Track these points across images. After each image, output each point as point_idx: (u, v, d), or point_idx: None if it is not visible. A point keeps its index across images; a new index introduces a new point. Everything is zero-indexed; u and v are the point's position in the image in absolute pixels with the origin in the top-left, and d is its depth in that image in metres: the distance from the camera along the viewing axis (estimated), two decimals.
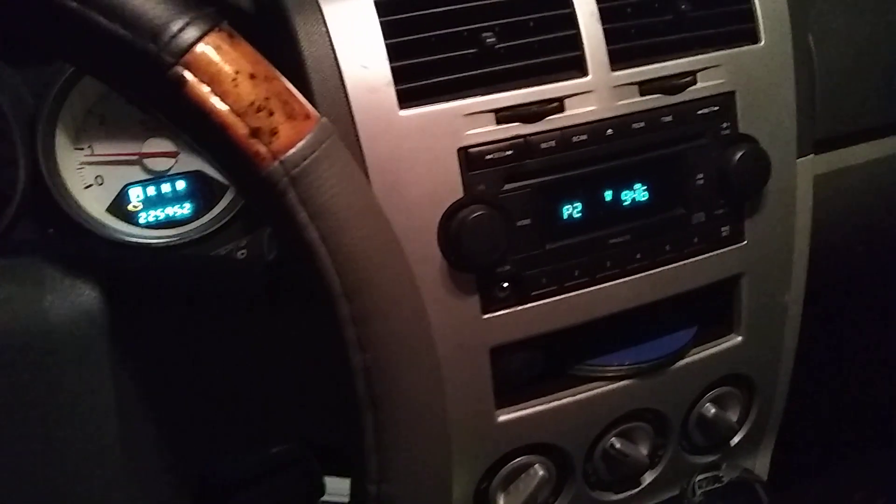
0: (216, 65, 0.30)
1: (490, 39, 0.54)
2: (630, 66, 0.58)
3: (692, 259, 0.62)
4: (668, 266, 0.61)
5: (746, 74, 0.61)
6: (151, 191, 0.60)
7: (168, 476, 0.38)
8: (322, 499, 0.45)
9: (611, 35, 0.57)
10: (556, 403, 0.62)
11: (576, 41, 0.56)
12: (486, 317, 0.57)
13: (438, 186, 0.53)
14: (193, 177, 0.61)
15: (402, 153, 0.52)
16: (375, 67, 0.52)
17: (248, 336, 0.37)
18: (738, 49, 0.61)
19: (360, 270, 0.32)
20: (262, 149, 0.31)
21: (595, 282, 0.59)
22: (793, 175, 0.65)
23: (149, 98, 0.32)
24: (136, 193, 0.60)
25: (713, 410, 0.68)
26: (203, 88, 0.30)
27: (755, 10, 0.62)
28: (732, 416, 0.70)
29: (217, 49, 0.31)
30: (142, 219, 0.60)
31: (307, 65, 0.51)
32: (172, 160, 0.60)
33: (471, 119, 0.54)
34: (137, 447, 0.36)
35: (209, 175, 0.60)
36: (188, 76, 0.30)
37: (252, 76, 0.31)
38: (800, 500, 1.08)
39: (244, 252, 0.55)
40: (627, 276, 0.60)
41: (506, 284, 0.57)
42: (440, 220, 0.54)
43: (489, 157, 0.54)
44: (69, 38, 0.30)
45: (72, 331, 0.34)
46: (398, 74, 0.52)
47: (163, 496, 0.37)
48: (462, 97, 0.54)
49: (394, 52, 0.52)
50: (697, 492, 0.62)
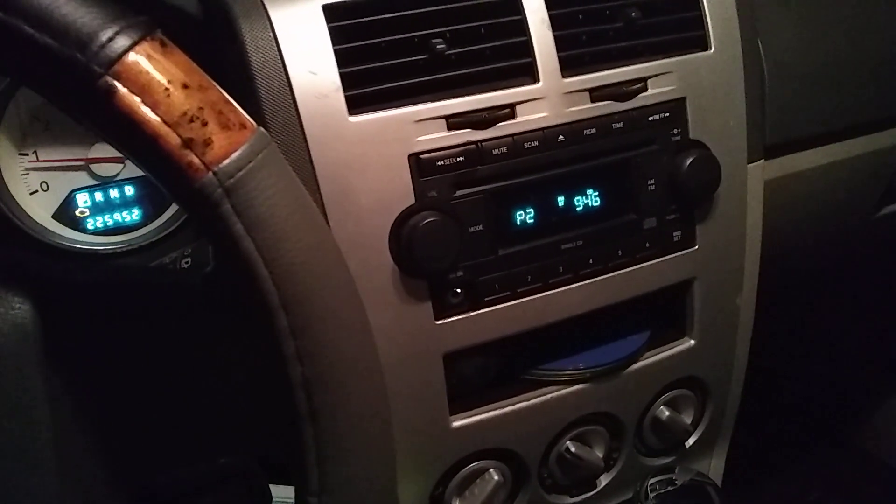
0: (147, 74, 0.30)
1: (440, 46, 0.53)
2: (581, 73, 0.58)
3: (644, 264, 0.63)
4: (621, 271, 0.62)
5: (697, 81, 0.62)
6: (99, 196, 0.59)
7: (107, 488, 0.37)
8: None
9: (561, 42, 0.57)
10: (511, 408, 0.62)
11: (526, 48, 0.56)
12: (439, 323, 0.56)
13: (389, 193, 0.53)
14: (142, 182, 0.60)
15: (353, 160, 0.52)
16: (324, 73, 0.51)
17: (187, 348, 0.36)
18: (689, 56, 0.62)
19: (298, 282, 0.32)
20: (195, 160, 0.30)
21: (548, 287, 0.59)
22: (743, 180, 0.66)
23: (79, 109, 0.31)
24: (83, 199, 0.59)
25: (667, 413, 0.69)
26: (133, 99, 0.30)
27: (705, 18, 0.62)
28: (686, 419, 0.70)
29: (148, 58, 0.30)
30: (89, 224, 0.59)
31: (254, 70, 0.50)
32: (120, 165, 0.59)
33: (421, 125, 0.54)
34: (73, 460, 0.36)
35: None
36: (118, 86, 0.29)
37: (185, 86, 0.31)
38: (754, 502, 1.10)
39: (188, 260, 0.54)
40: (580, 282, 0.60)
41: (458, 290, 0.57)
42: (392, 227, 0.54)
43: (440, 164, 0.54)
44: None
45: (3, 344, 0.33)
46: (347, 80, 0.52)
47: None
48: (412, 103, 0.54)
49: (343, 58, 0.52)
50: (650, 495, 0.63)
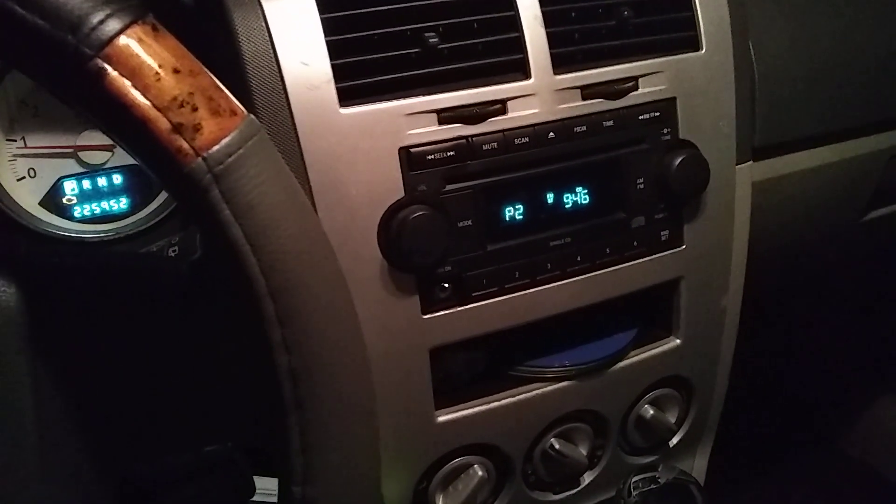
0: (137, 58, 0.30)
1: (433, 39, 0.53)
2: (572, 71, 0.58)
3: (632, 262, 0.63)
4: (608, 269, 0.62)
5: (687, 81, 0.62)
6: (87, 184, 0.59)
7: (89, 474, 0.37)
8: (252, 499, 0.45)
9: (554, 39, 0.57)
10: (496, 404, 0.62)
11: (519, 44, 0.56)
12: (426, 317, 0.56)
13: (379, 186, 0.53)
14: (131, 171, 0.60)
15: (343, 152, 0.52)
16: (316, 65, 0.51)
17: (173, 335, 0.36)
18: (680, 56, 0.62)
19: (286, 270, 0.32)
20: (185, 145, 0.30)
21: (535, 283, 0.59)
22: (731, 181, 0.66)
23: (69, 92, 0.31)
24: (71, 187, 0.59)
25: (652, 412, 0.69)
26: (123, 82, 0.29)
27: (697, 18, 0.63)
28: (671, 418, 0.71)
29: (139, 42, 0.30)
30: (76, 213, 0.59)
31: (245, 60, 0.50)
32: (109, 153, 0.59)
33: (412, 119, 0.54)
34: (57, 445, 0.35)
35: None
36: (108, 69, 0.29)
37: (176, 70, 0.31)
38: (737, 502, 1.10)
39: (176, 249, 0.54)
40: (568, 279, 0.61)
41: (446, 285, 0.57)
42: (381, 220, 0.54)
43: (430, 158, 0.54)
44: None
45: None
46: (339, 72, 0.52)
47: (82, 495, 0.36)
48: (404, 97, 0.54)
49: (335, 50, 0.52)
50: (633, 492, 0.63)
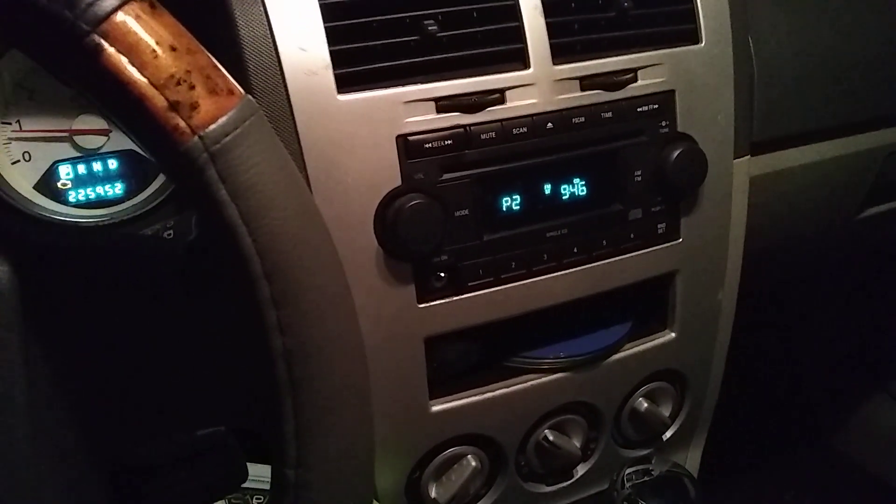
0: (135, 35, 0.30)
1: (432, 27, 0.53)
2: (572, 61, 0.58)
3: (628, 255, 0.63)
4: (605, 261, 0.62)
5: (686, 74, 0.62)
6: (82, 169, 0.59)
7: (81, 456, 0.37)
8: (244, 484, 0.44)
9: (553, 29, 0.57)
10: (490, 395, 0.62)
11: (518, 33, 0.56)
12: (422, 306, 0.56)
13: (376, 174, 0.53)
14: (126, 156, 0.59)
15: (340, 138, 0.52)
16: (314, 50, 0.51)
17: (166, 317, 0.36)
18: (679, 49, 0.62)
19: (283, 251, 0.31)
20: (181, 123, 0.30)
21: (531, 274, 0.59)
22: (729, 175, 0.66)
23: (65, 68, 0.31)
24: (66, 171, 0.58)
25: (646, 405, 0.69)
26: (120, 58, 0.29)
27: (697, 11, 0.63)
28: (665, 412, 0.71)
29: (137, 19, 0.30)
30: (71, 197, 0.59)
31: (244, 44, 0.50)
32: (104, 138, 0.58)
33: (410, 107, 0.53)
34: (48, 427, 0.35)
35: (142, 155, 0.58)
36: (105, 45, 0.29)
37: (173, 48, 0.31)
38: (729, 497, 1.10)
39: (171, 233, 0.54)
40: (564, 270, 0.60)
41: (442, 274, 0.57)
42: (377, 208, 0.53)
43: (428, 146, 0.54)
44: None
45: None
46: (337, 58, 0.51)
47: (74, 476, 0.36)
48: (402, 84, 0.53)
49: (333, 36, 0.51)
50: (626, 484, 0.63)
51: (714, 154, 0.63)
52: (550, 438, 0.65)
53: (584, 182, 0.60)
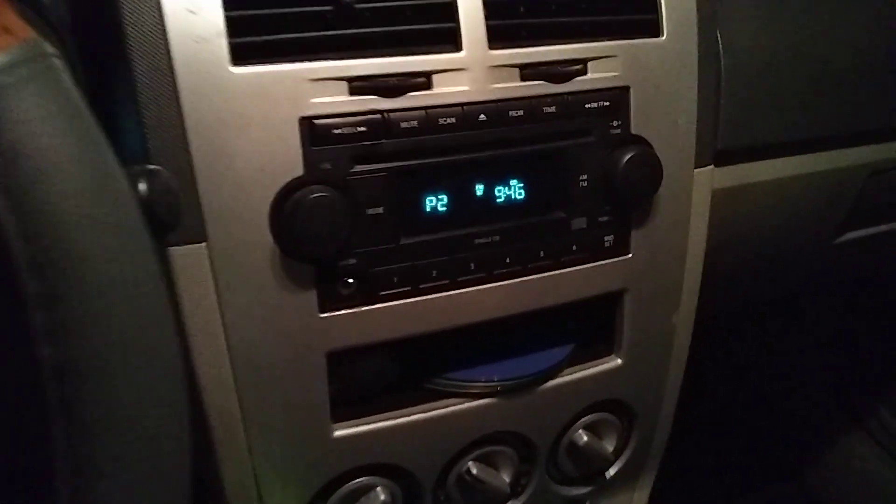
0: None
1: None
2: (511, 46, 0.51)
3: (569, 269, 0.56)
4: (542, 274, 0.55)
5: (644, 70, 0.55)
6: None
7: None
8: None
9: (492, 9, 0.50)
10: (405, 420, 0.55)
11: (451, 11, 0.49)
12: (324, 316, 0.49)
13: (274, 160, 0.46)
14: None
15: (233, 117, 0.45)
16: (206, 13, 0.44)
17: None
18: (637, 41, 0.55)
19: (57, 237, 0.24)
20: None
21: (456, 285, 0.52)
22: (688, 186, 0.59)
23: None
24: None
25: (586, 438, 0.62)
26: None
27: (659, 1, 0.56)
28: (608, 446, 0.64)
29: None
30: None
31: (121, 2, 0.43)
32: None
33: (318, 85, 0.46)
34: None
35: None
36: None
37: None
38: None
39: None
40: (494, 282, 0.53)
41: (350, 281, 0.50)
42: (273, 200, 0.46)
43: (337, 132, 0.47)
44: None
45: None
46: (233, 25, 0.44)
47: None
48: (309, 59, 0.46)
49: None
50: None
51: (671, 161, 0.57)
52: (474, 472, 0.57)
53: (522, 184, 0.53)
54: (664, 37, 0.56)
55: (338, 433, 0.53)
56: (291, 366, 0.50)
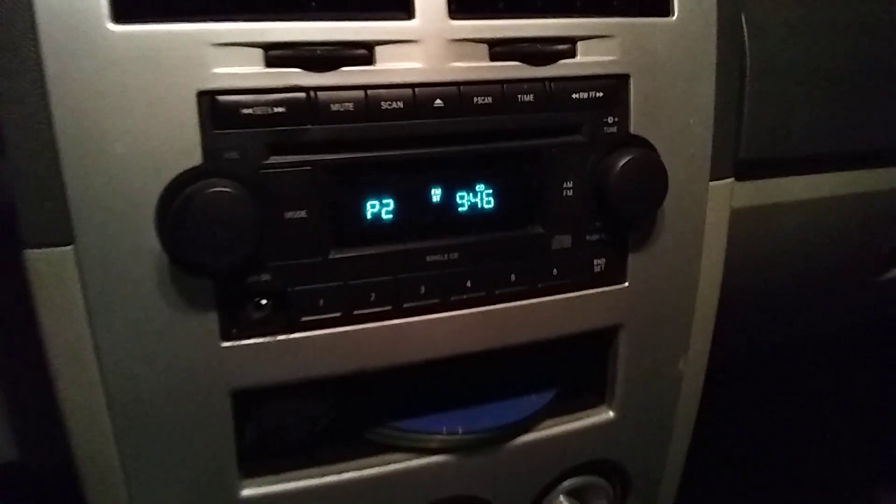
0: None
1: None
2: (479, 17, 0.41)
3: (548, 297, 0.46)
4: (513, 303, 0.45)
5: (648, 55, 0.45)
6: None
7: None
8: None
9: None
10: (337, 479, 0.45)
11: None
12: (228, 345, 0.39)
13: (164, 144, 0.37)
14: None
15: (111, 88, 0.36)
16: None
17: None
18: (641, 20, 0.45)
19: None
20: None
21: (401, 313, 0.42)
22: (701, 202, 0.49)
23: None
24: None
25: None
26: None
27: None
28: None
29: None
30: None
31: None
32: None
33: (225, 52, 0.37)
34: None
35: None
36: None
37: None
38: None
39: None
40: (450, 311, 0.44)
41: (263, 302, 0.40)
42: (161, 195, 0.36)
43: (248, 112, 0.37)
44: None
45: None
46: None
47: None
48: (214, 19, 0.37)
49: None
50: None
51: (680, 170, 0.46)
52: None
53: (490, 190, 0.43)
54: (675, 16, 0.46)
55: (247, 492, 0.42)
56: (186, 407, 0.40)
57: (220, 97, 0.37)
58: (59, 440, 0.40)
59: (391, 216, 0.42)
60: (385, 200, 0.41)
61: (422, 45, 0.40)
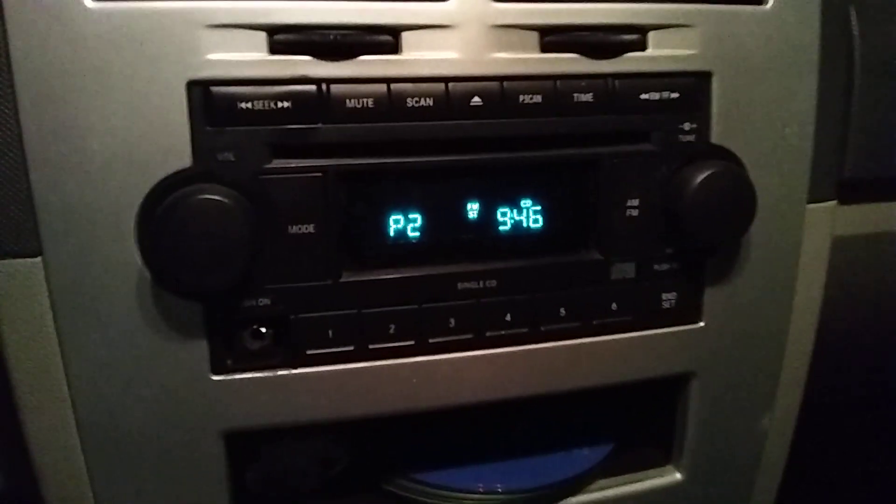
0: None
1: None
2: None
3: (605, 337, 0.38)
4: (561, 343, 0.38)
5: (736, 49, 0.38)
6: None
7: None
8: None
9: None
10: None
11: None
12: (220, 379, 0.34)
13: (147, 142, 0.32)
14: None
15: (87, 75, 0.32)
16: None
17: None
18: (728, 7, 0.38)
19: None
20: None
21: (426, 349, 0.36)
22: (797, 227, 0.41)
23: None
24: None
25: None
26: None
27: None
28: None
29: None
30: None
31: None
32: None
33: (220, 35, 0.32)
34: None
35: None
36: None
37: None
38: None
39: None
40: (485, 349, 0.37)
41: (263, 330, 0.34)
42: (144, 201, 0.31)
43: (246, 107, 0.32)
44: None
45: None
46: None
47: None
48: None
49: None
50: None
51: (772, 189, 0.39)
52: None
53: (537, 207, 0.36)
54: (769, 4, 0.38)
55: None
56: (171, 448, 0.35)
57: (215, 88, 0.32)
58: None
59: (417, 234, 0.35)
60: (411, 216, 0.35)
61: (458, 32, 0.34)
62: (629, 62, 0.36)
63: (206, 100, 0.32)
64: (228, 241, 0.31)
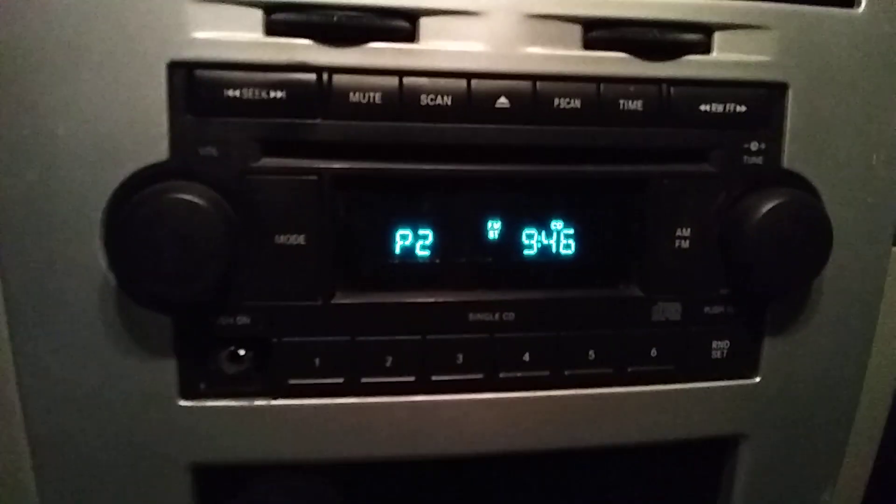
0: None
1: None
2: None
3: (641, 388, 0.33)
4: (589, 390, 0.32)
5: (818, 58, 0.32)
6: None
7: None
8: None
9: None
10: None
11: None
12: (188, 405, 0.29)
13: (120, 129, 0.28)
14: None
15: (55, 52, 0.28)
16: None
17: None
18: (811, 8, 0.32)
19: None
20: None
21: (428, 387, 0.31)
22: (879, 271, 0.35)
23: None
24: None
25: None
26: None
27: None
28: None
29: None
30: None
31: None
32: None
33: (208, 11, 0.28)
34: None
35: None
36: None
37: None
38: None
39: None
40: (498, 392, 0.32)
41: (241, 352, 0.29)
42: (112, 197, 0.27)
43: (235, 95, 0.28)
44: None
45: None
46: None
47: None
48: None
49: None
50: None
51: (853, 225, 0.33)
52: None
53: (570, 230, 0.31)
54: (861, 6, 0.32)
55: None
56: (133, 480, 0.30)
57: (199, 71, 0.28)
58: None
59: (426, 253, 0.31)
60: (420, 232, 0.30)
61: (485, 20, 0.29)
62: (689, 66, 0.31)
63: (189, 84, 0.27)
64: (201, 249, 0.27)
